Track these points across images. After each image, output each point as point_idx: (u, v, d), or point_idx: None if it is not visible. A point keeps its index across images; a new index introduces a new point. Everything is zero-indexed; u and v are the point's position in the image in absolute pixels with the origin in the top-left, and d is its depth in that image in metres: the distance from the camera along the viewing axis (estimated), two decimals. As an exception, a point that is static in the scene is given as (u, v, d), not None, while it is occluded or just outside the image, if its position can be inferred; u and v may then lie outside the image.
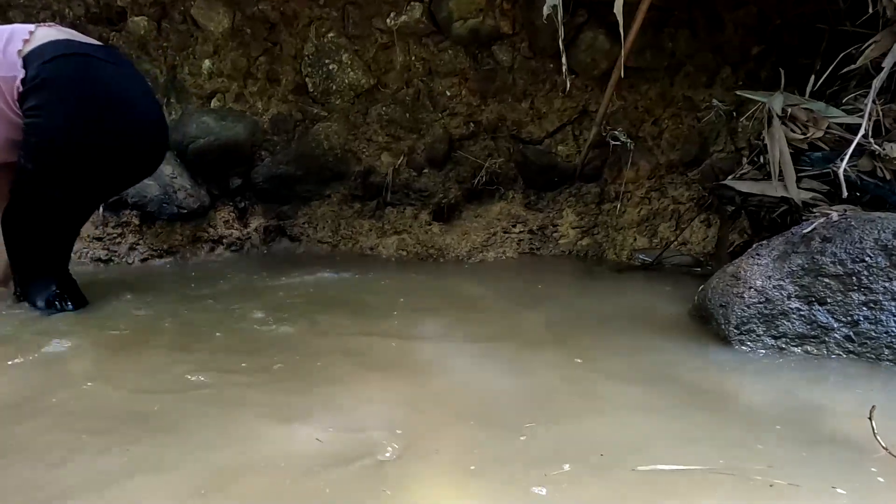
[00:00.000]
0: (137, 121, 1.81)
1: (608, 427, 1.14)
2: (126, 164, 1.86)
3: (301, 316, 1.85)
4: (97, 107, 1.70)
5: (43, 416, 1.18)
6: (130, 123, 1.79)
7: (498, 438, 1.10)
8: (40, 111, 1.64)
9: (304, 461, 1.02)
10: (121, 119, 1.76)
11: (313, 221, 2.82)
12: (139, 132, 1.83)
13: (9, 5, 2.69)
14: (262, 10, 2.76)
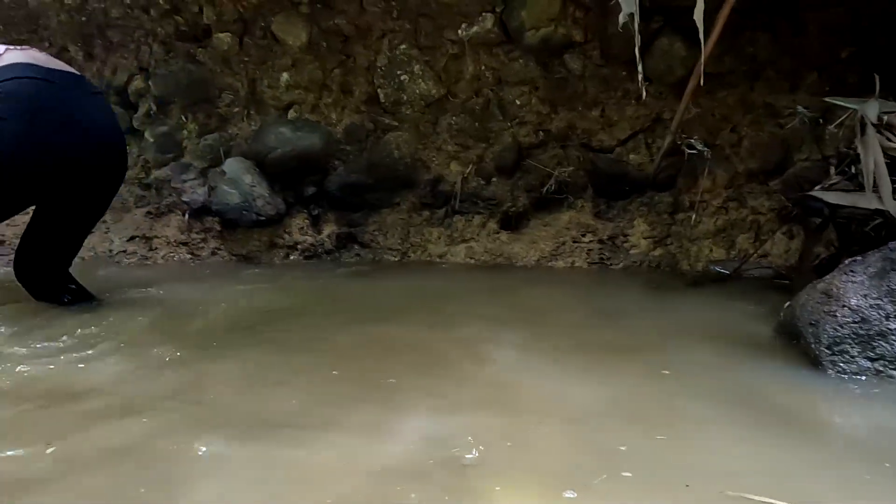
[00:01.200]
0: (87, 144, 1.87)
1: (696, 448, 1.12)
2: (72, 184, 1.89)
3: (376, 322, 1.90)
4: (47, 127, 1.77)
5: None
6: (78, 147, 1.85)
7: (582, 451, 1.09)
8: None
9: (387, 465, 1.05)
10: (69, 141, 1.82)
11: (383, 229, 2.88)
12: (89, 155, 1.88)
13: (107, 25, 2.89)
14: (338, 24, 2.85)
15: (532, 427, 1.20)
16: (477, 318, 1.89)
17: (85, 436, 1.18)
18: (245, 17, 2.87)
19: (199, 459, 1.09)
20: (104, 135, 1.95)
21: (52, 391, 1.41)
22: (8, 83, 1.74)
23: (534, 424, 1.21)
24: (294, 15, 2.84)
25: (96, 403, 1.33)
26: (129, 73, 2.96)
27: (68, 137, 1.82)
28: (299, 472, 1.05)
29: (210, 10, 2.85)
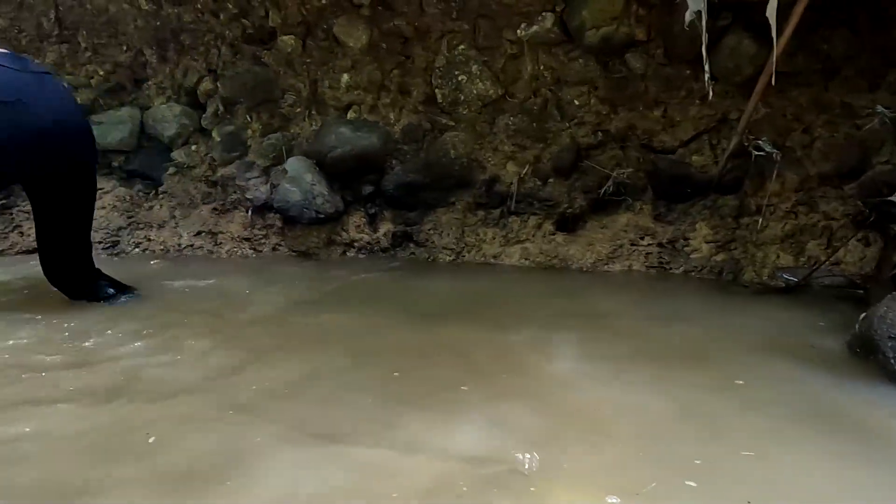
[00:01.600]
0: (22, 124, 1.85)
1: (767, 464, 1.08)
2: (17, 172, 1.93)
3: (434, 322, 1.92)
4: None
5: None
6: (13, 126, 1.83)
7: (649, 461, 1.07)
8: None
9: (446, 470, 1.06)
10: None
11: (438, 228, 2.90)
12: (24, 136, 1.86)
13: (180, 29, 3.02)
14: (397, 26, 2.89)
15: (596, 436, 1.18)
16: (536, 321, 1.88)
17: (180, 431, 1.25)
18: (308, 19, 2.95)
19: (270, 453, 1.13)
20: (56, 112, 1.94)
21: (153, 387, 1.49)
22: None
23: (598, 433, 1.19)
24: (355, 17, 2.90)
25: (184, 402, 1.39)
26: (199, 74, 3.08)
27: (12, 115, 1.82)
28: (359, 471, 1.07)
29: (276, 13, 2.94)
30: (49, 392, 1.40)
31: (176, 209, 3.10)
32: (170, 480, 1.04)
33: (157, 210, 3.11)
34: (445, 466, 1.07)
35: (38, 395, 1.38)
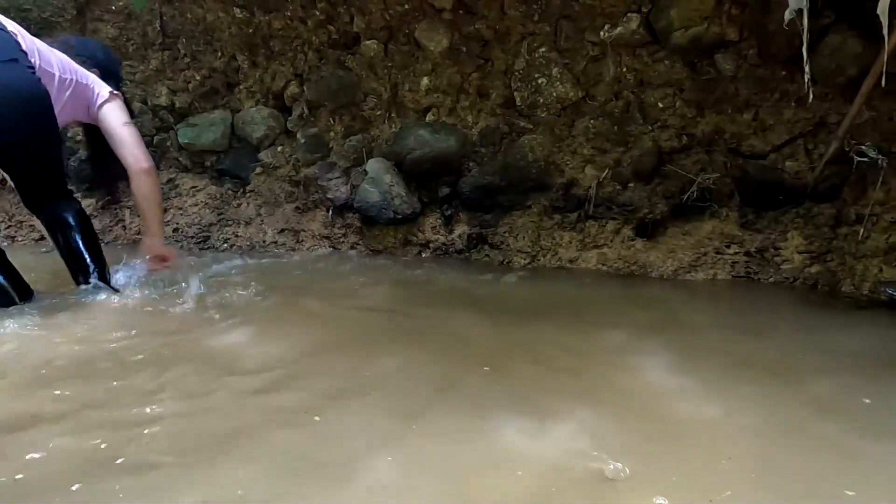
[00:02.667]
0: None
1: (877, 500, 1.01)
2: None
3: (513, 324, 1.92)
4: None
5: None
6: None
7: (752, 484, 1.03)
8: None
9: (533, 472, 1.06)
10: None
11: (514, 231, 2.90)
12: None
13: (270, 36, 3.17)
14: (478, 29, 2.91)
15: (692, 451, 1.15)
16: (618, 328, 1.85)
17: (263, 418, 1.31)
18: (391, 24, 3.02)
19: (372, 449, 1.17)
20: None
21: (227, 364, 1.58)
22: None
23: (693, 448, 1.16)
24: (437, 21, 2.94)
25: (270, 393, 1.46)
26: (286, 79, 3.22)
27: None
28: (446, 471, 1.09)
29: (360, 19, 3.03)
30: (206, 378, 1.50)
31: (262, 207, 3.25)
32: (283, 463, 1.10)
33: (245, 208, 3.27)
34: (531, 470, 1.08)
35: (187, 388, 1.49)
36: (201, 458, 1.12)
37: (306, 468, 1.09)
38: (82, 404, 1.34)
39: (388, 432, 1.22)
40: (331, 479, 1.06)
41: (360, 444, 1.18)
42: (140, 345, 1.73)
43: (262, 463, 1.11)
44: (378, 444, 1.17)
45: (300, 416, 1.29)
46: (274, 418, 1.28)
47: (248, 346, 1.71)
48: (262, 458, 1.12)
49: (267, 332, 1.81)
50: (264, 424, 1.25)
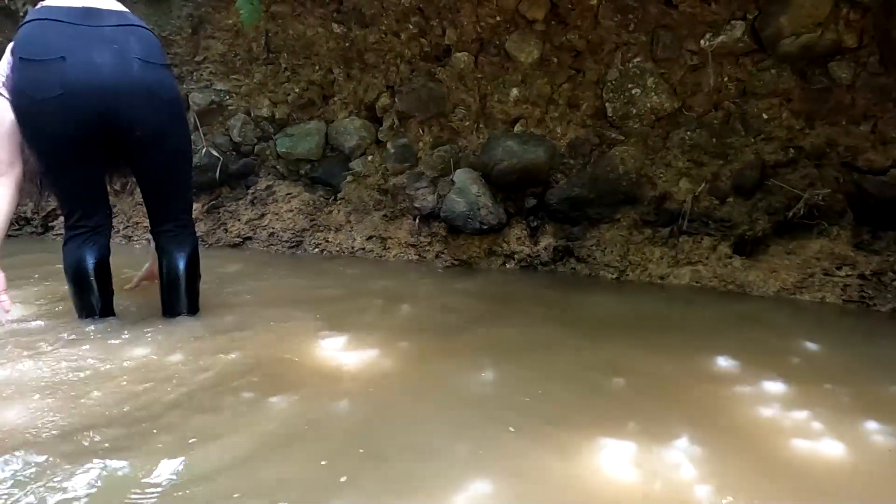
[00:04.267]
0: (51, 79, 1.68)
1: None
2: (51, 124, 1.72)
3: (604, 342, 1.87)
4: (26, 66, 1.70)
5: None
6: (44, 83, 1.69)
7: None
8: (8, 77, 1.76)
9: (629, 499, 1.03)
10: (35, 78, 1.69)
11: (601, 244, 2.83)
12: (59, 92, 1.69)
13: (365, 49, 3.28)
14: (570, 40, 2.88)
15: (806, 493, 1.07)
16: (718, 351, 1.75)
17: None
18: (482, 36, 3.05)
19: (466, 463, 1.18)
20: (112, 66, 1.73)
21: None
22: (25, 25, 1.73)
23: (808, 490, 1.08)
24: (528, 32, 2.94)
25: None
26: (378, 91, 3.33)
27: (55, 75, 1.68)
28: (546, 488, 1.08)
29: (452, 31, 3.08)
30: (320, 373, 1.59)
31: (351, 214, 3.36)
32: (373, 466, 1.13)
33: (335, 214, 3.39)
34: (631, 499, 1.04)
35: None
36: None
37: (414, 480, 1.11)
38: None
39: (480, 445, 1.22)
40: (431, 490, 1.07)
41: (454, 456, 1.19)
42: (243, 366, 1.83)
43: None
44: (471, 457, 1.18)
45: (419, 419, 1.32)
46: (385, 428, 1.31)
47: (343, 354, 1.77)
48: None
49: (362, 340, 1.86)
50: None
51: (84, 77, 1.71)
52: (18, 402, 1.42)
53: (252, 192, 3.55)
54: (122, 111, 1.77)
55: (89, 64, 1.72)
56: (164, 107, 1.86)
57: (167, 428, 1.32)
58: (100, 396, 1.46)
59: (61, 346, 1.84)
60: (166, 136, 1.89)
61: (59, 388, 1.51)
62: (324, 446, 1.25)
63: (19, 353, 1.72)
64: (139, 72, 1.78)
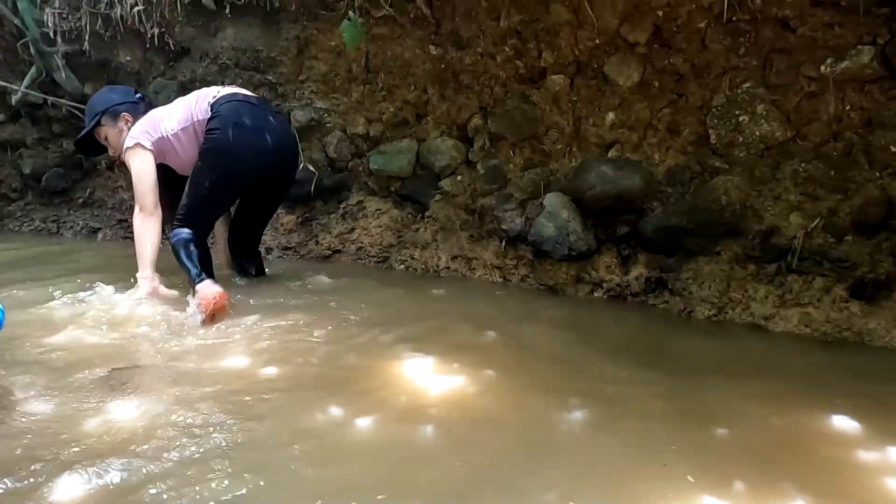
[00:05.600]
0: (257, 139, 2.61)
1: None
2: (246, 170, 2.64)
3: (688, 387, 1.76)
4: (235, 129, 2.55)
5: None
6: (251, 143, 2.59)
7: None
8: (213, 130, 2.56)
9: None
10: (246, 139, 2.57)
11: (699, 278, 2.68)
12: (258, 149, 2.61)
13: (461, 71, 3.31)
14: (673, 63, 2.77)
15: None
16: (834, 409, 1.59)
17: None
18: (580, 59, 3.00)
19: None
20: (282, 137, 2.75)
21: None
22: (224, 105, 2.60)
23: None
24: (628, 55, 2.86)
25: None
26: (471, 111, 3.34)
27: (253, 138, 2.59)
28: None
29: (549, 54, 3.05)
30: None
31: (438, 233, 3.39)
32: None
33: (422, 232, 3.43)
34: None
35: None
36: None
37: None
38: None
39: (570, 492, 1.17)
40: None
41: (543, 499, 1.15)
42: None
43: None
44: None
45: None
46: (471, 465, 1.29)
47: (428, 377, 1.77)
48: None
49: (447, 364, 1.85)
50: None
51: (276, 145, 2.68)
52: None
53: (344, 207, 3.67)
54: (287, 172, 2.89)
55: (278, 138, 2.70)
56: (296, 172, 3.00)
57: (258, 439, 1.36)
58: (205, 406, 1.53)
59: (176, 350, 1.96)
60: (288, 189, 3.00)
61: (169, 391, 1.60)
62: (410, 476, 1.24)
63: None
64: (296, 147, 2.96)
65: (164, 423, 1.42)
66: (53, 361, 1.82)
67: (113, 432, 1.39)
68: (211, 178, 2.57)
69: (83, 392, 1.62)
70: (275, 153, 2.67)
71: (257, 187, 2.77)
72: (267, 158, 2.65)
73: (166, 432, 1.37)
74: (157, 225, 2.54)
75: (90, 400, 1.56)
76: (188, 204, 2.59)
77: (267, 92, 3.71)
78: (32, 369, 1.75)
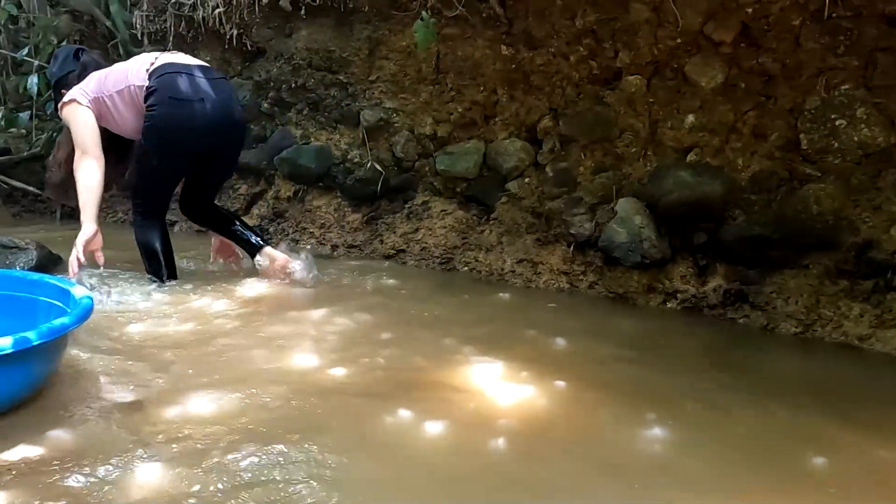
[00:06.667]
0: (198, 115, 2.53)
1: None
2: (190, 144, 2.59)
3: (776, 409, 1.63)
4: (173, 105, 2.50)
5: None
6: (192, 118, 2.53)
7: None
8: (152, 107, 2.51)
9: None
10: (186, 115, 2.52)
11: (784, 293, 2.51)
12: (200, 125, 2.55)
13: (532, 71, 3.24)
14: (762, 63, 2.61)
15: None
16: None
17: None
18: (658, 59, 2.87)
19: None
20: (224, 106, 2.64)
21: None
22: (161, 78, 2.54)
23: None
24: (712, 55, 2.72)
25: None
26: (541, 113, 3.27)
27: (193, 113, 2.53)
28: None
29: (625, 54, 2.94)
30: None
31: (503, 235, 3.33)
32: None
33: (487, 235, 3.38)
34: None
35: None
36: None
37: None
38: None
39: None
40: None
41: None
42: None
43: None
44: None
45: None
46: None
47: (497, 384, 1.72)
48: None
49: (515, 373, 1.80)
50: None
51: (215, 114, 2.60)
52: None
53: (409, 207, 3.67)
54: (232, 139, 2.79)
55: (218, 106, 2.61)
56: (244, 136, 2.97)
57: (327, 437, 1.35)
58: (275, 405, 1.54)
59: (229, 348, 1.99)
60: (237, 155, 2.96)
61: (241, 387, 1.62)
62: (481, 489, 1.20)
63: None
64: (240, 112, 2.84)
65: (235, 422, 1.43)
66: (132, 350, 1.89)
67: (188, 426, 1.41)
68: (157, 156, 2.58)
69: (160, 382, 1.66)
70: (217, 123, 2.60)
71: (206, 158, 2.70)
72: (209, 129, 2.58)
73: (237, 431, 1.39)
74: (100, 168, 2.51)
75: (168, 391, 1.61)
76: (141, 186, 2.70)
77: (337, 91, 3.76)
78: (114, 356, 1.81)
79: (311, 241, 3.82)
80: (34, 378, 1.51)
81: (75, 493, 1.15)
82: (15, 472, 1.21)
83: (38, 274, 1.95)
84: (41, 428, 1.38)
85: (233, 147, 2.84)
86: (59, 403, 1.51)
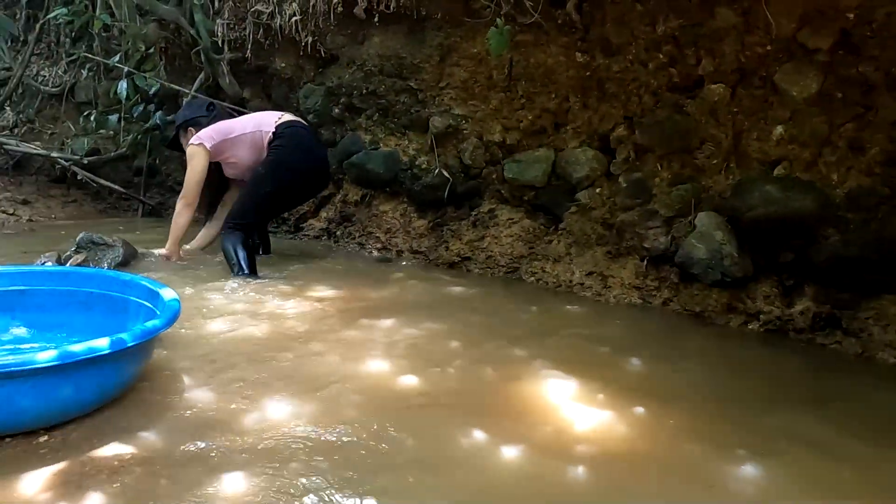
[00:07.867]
0: (310, 160, 3.38)
1: None
2: (299, 183, 3.40)
3: (881, 455, 1.50)
4: (296, 150, 3.28)
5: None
6: (306, 162, 3.35)
7: None
8: (278, 147, 3.24)
9: None
10: (302, 158, 3.32)
11: (882, 320, 2.33)
12: (309, 168, 3.39)
13: (607, 78, 3.15)
14: (862, 72, 2.43)
15: None
16: None
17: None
18: (745, 67, 2.73)
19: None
20: (324, 158, 3.54)
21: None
22: (287, 129, 3.29)
23: None
24: (806, 63, 2.55)
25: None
26: (615, 121, 3.17)
27: (307, 159, 3.35)
28: None
29: (709, 61, 2.81)
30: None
31: (572, 246, 3.26)
32: None
33: (555, 245, 3.32)
34: None
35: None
36: None
37: None
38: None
39: None
40: None
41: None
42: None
43: None
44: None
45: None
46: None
47: (572, 406, 1.67)
48: None
49: (591, 395, 1.74)
50: None
51: (318, 163, 3.46)
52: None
53: (475, 214, 3.64)
54: (323, 184, 3.68)
55: (320, 158, 3.50)
56: (329, 179, 3.80)
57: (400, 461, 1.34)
58: (349, 417, 1.55)
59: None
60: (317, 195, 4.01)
61: (316, 394, 1.64)
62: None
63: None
64: (327, 162, 3.64)
65: (313, 430, 1.44)
66: (213, 351, 1.94)
67: (268, 432, 1.44)
68: (272, 182, 3.22)
69: (238, 385, 1.70)
70: (318, 170, 3.46)
71: (301, 192, 3.54)
72: (313, 173, 3.43)
73: (314, 440, 1.40)
74: (190, 214, 3.20)
75: (246, 394, 1.64)
76: (249, 206, 3.21)
77: (407, 98, 3.78)
78: (196, 357, 1.87)
79: (376, 245, 3.86)
80: (126, 377, 1.57)
81: (161, 494, 1.19)
82: (107, 472, 1.26)
83: (130, 275, 2.04)
84: (131, 427, 1.43)
85: (320, 189, 3.76)
86: (147, 403, 1.57)
